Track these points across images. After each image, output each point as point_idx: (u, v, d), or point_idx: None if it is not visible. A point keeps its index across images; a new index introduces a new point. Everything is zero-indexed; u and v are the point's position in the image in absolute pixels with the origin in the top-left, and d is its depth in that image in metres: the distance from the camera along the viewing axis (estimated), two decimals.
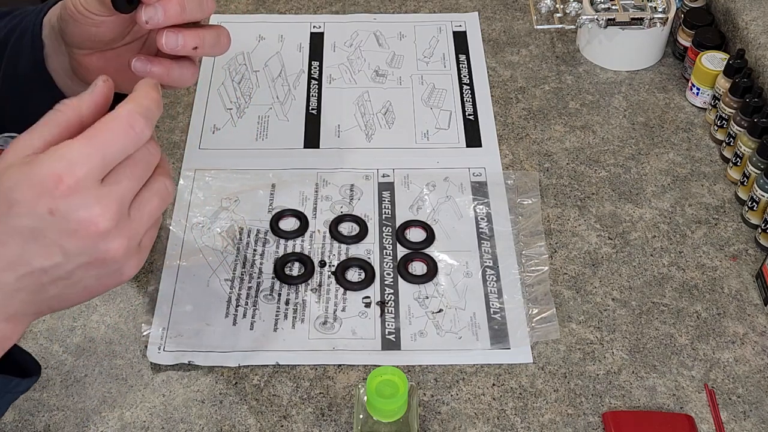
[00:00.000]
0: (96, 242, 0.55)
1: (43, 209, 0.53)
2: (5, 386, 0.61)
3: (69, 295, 0.58)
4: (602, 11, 1.07)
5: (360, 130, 1.02)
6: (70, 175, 0.53)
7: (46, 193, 0.53)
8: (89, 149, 0.54)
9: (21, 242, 0.54)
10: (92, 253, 0.55)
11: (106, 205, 0.54)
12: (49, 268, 0.55)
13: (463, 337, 0.81)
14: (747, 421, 0.76)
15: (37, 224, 0.54)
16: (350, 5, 1.19)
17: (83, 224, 0.54)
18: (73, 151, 0.54)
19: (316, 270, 0.86)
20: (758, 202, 0.89)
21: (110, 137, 0.54)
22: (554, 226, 0.91)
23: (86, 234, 0.54)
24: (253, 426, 0.75)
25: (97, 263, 0.56)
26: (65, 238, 0.54)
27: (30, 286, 0.56)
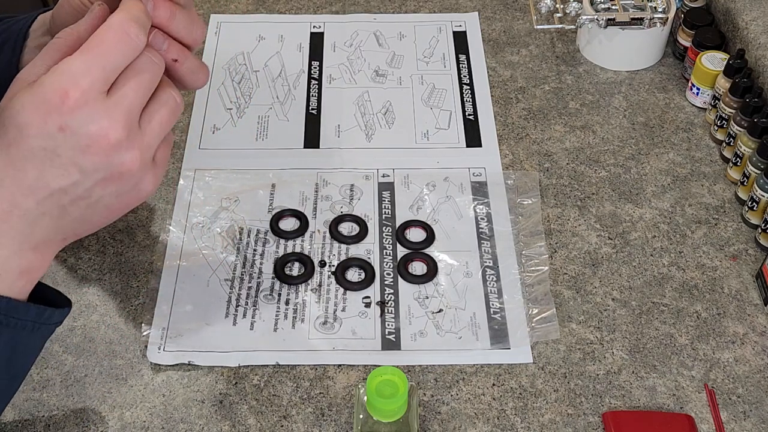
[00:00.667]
0: (109, 155, 0.55)
1: (53, 127, 0.54)
2: (39, 317, 0.60)
3: (91, 216, 0.58)
4: (602, 11, 1.07)
5: (360, 130, 1.02)
6: (75, 88, 0.53)
7: (53, 111, 0.53)
8: (89, 61, 0.54)
9: (37, 164, 0.55)
10: (107, 168, 0.55)
11: (114, 116, 0.54)
12: (68, 188, 0.55)
13: (463, 337, 0.81)
14: (747, 421, 0.76)
15: (49, 144, 0.54)
16: (350, 5, 1.19)
17: (94, 138, 0.54)
18: (74, 65, 0.54)
19: (316, 270, 0.86)
20: (758, 202, 0.89)
21: (107, 47, 0.55)
22: (554, 226, 0.91)
23: (99, 148, 0.54)
24: (253, 426, 0.75)
25: (114, 178, 0.56)
26: (79, 154, 0.54)
27: (52, 209, 0.56)
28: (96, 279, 0.86)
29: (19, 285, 0.58)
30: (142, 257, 0.87)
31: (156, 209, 0.92)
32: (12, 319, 0.58)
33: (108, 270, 0.86)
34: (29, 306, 0.59)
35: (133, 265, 0.87)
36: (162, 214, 0.91)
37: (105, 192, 0.57)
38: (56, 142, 0.54)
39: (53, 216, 0.57)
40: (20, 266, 0.58)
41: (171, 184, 0.94)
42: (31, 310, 0.59)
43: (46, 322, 0.61)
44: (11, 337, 0.58)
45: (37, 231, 0.57)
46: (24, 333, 0.59)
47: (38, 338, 0.62)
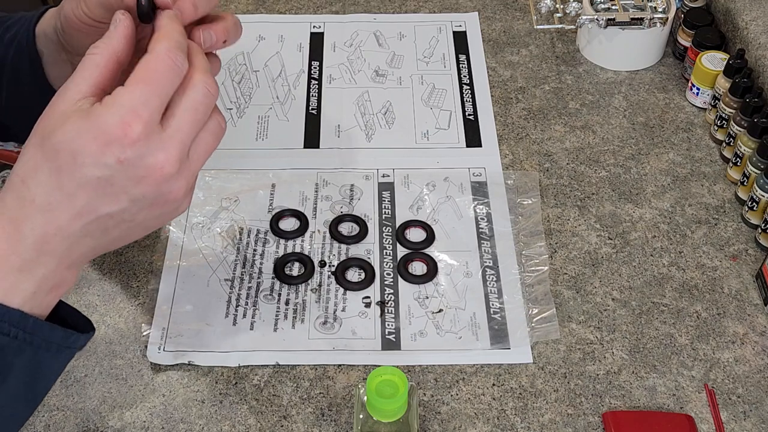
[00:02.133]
0: (161, 186, 0.56)
1: (111, 159, 0.54)
2: (65, 341, 0.60)
3: (129, 235, 0.60)
4: (602, 11, 1.07)
5: (360, 130, 1.02)
6: (137, 121, 0.54)
7: (114, 142, 0.54)
8: (146, 93, 0.55)
9: (89, 191, 0.55)
10: (157, 196, 0.57)
11: (170, 149, 0.56)
12: (115, 213, 0.57)
13: (463, 337, 0.81)
14: (747, 421, 0.76)
15: (105, 174, 0.55)
16: (350, 5, 1.19)
17: (150, 170, 0.55)
18: (133, 97, 0.55)
19: (316, 270, 0.86)
20: (758, 202, 0.89)
21: (159, 77, 0.55)
22: (554, 226, 0.91)
23: (152, 179, 0.56)
24: (253, 426, 0.75)
25: (160, 204, 0.58)
26: (133, 184, 0.55)
27: (95, 231, 0.57)
28: (96, 279, 0.86)
29: (47, 300, 0.58)
30: (142, 257, 0.87)
31: None
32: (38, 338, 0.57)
33: (108, 270, 0.86)
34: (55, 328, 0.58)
35: (133, 265, 0.87)
36: None
37: (149, 215, 0.59)
38: (113, 172, 0.55)
39: (95, 237, 0.58)
40: (54, 283, 0.58)
41: None
42: (57, 332, 0.59)
43: (71, 346, 0.61)
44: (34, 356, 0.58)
45: (77, 250, 0.58)
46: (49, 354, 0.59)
47: (62, 361, 0.62)
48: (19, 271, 0.56)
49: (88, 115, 0.54)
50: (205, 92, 0.58)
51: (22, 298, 0.56)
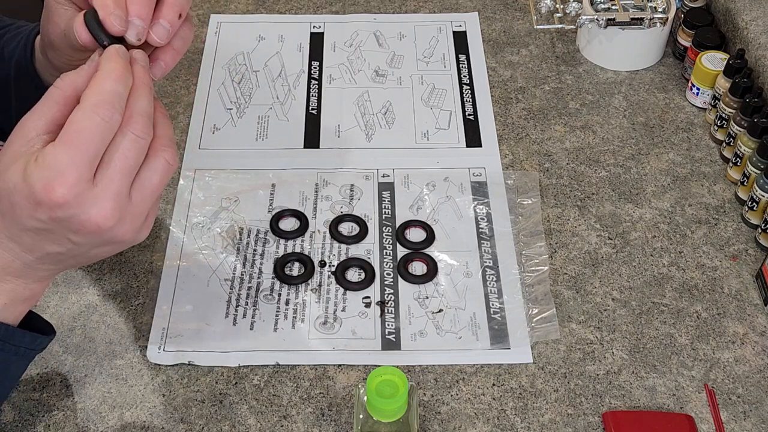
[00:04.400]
0: (102, 235, 0.58)
1: (43, 216, 0.56)
2: (32, 343, 0.65)
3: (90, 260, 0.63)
4: (602, 11, 1.07)
5: (360, 130, 1.02)
6: (61, 184, 0.55)
7: (42, 204, 0.56)
8: (71, 154, 0.55)
9: (32, 236, 0.58)
10: (102, 241, 0.59)
11: (103, 205, 0.56)
12: (63, 251, 0.59)
13: (463, 337, 0.81)
14: (747, 421, 0.76)
15: (42, 226, 0.57)
16: (350, 5, 1.19)
17: (85, 225, 0.57)
18: (58, 160, 0.55)
19: (316, 270, 0.86)
20: (758, 202, 0.89)
21: (86, 137, 0.55)
22: (554, 226, 0.91)
23: (89, 231, 0.57)
24: (253, 426, 0.75)
25: (108, 244, 0.60)
26: (72, 234, 0.58)
27: (51, 261, 0.61)
28: (96, 279, 0.86)
29: (20, 310, 0.63)
30: (142, 257, 0.87)
31: None
32: (8, 344, 0.63)
33: (108, 270, 0.86)
34: (25, 333, 0.64)
35: (133, 265, 0.87)
36: (162, 214, 0.91)
37: (101, 251, 0.61)
38: (49, 225, 0.57)
39: (53, 263, 0.61)
40: (24, 295, 0.63)
41: (171, 184, 0.94)
42: (26, 336, 0.64)
43: (36, 348, 0.66)
44: (3, 359, 0.63)
45: (40, 272, 0.62)
46: (17, 357, 0.64)
47: (26, 362, 0.67)
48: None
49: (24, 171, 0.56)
50: (132, 138, 0.57)
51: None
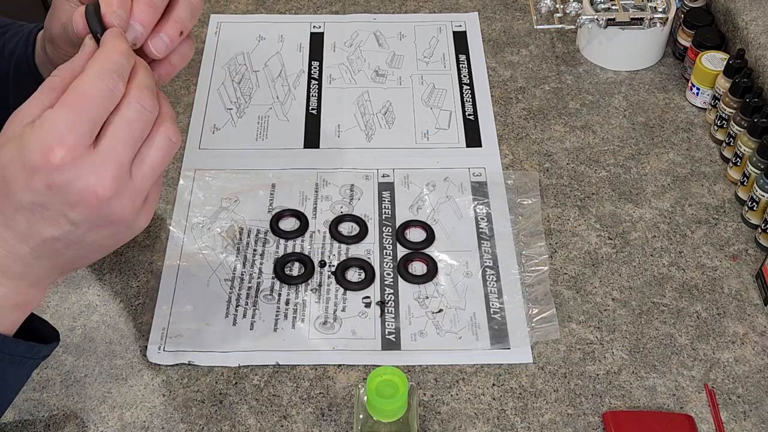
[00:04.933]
0: (100, 208, 0.55)
1: (39, 185, 0.53)
2: (28, 352, 0.62)
3: (86, 254, 0.59)
4: (602, 11, 1.07)
5: (360, 130, 1.02)
6: (60, 145, 0.53)
7: (39, 169, 0.53)
8: (72, 116, 0.53)
9: (27, 216, 0.55)
10: (99, 218, 0.55)
11: (102, 172, 0.54)
12: (60, 236, 0.56)
13: (463, 337, 0.81)
14: (747, 421, 0.76)
15: (37, 199, 0.54)
16: (350, 5, 1.19)
17: (83, 194, 0.54)
18: (57, 120, 0.53)
19: (316, 270, 0.86)
20: (758, 202, 0.89)
21: (88, 101, 0.54)
22: (554, 226, 0.91)
23: (88, 203, 0.54)
24: (253, 426, 0.75)
25: (106, 225, 0.56)
26: (68, 209, 0.54)
27: (46, 253, 0.57)
28: (96, 279, 0.86)
29: (13, 317, 0.60)
30: (142, 257, 0.87)
31: (156, 209, 0.92)
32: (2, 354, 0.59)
33: (108, 270, 0.86)
34: (19, 342, 0.60)
35: (133, 265, 0.87)
36: (162, 214, 0.91)
37: (98, 236, 0.57)
38: (45, 197, 0.54)
39: (49, 258, 0.58)
40: (17, 301, 0.59)
41: (171, 184, 0.94)
42: (21, 345, 0.61)
43: (35, 357, 0.63)
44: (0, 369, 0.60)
45: (34, 271, 0.58)
46: (12, 366, 0.61)
47: (26, 370, 0.65)
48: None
49: (19, 140, 0.54)
50: (138, 109, 0.55)
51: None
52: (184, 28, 0.62)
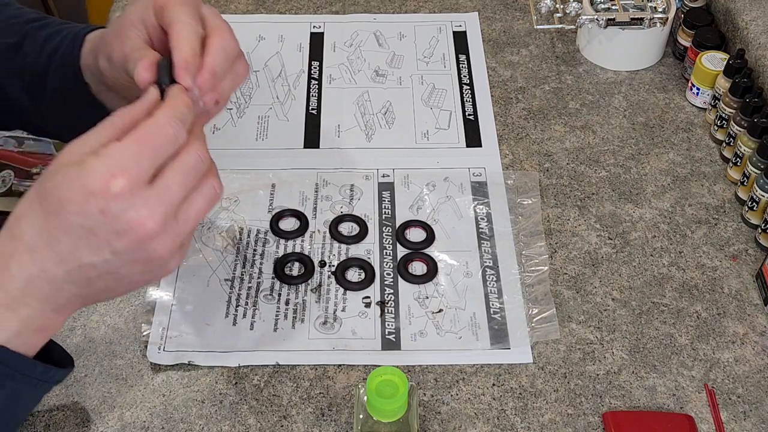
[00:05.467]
0: (144, 242, 0.57)
1: (93, 209, 0.55)
2: (44, 375, 0.64)
3: (115, 288, 0.61)
4: (602, 11, 1.07)
5: (360, 130, 1.02)
6: (122, 175, 0.55)
7: (97, 194, 0.55)
8: (137, 150, 0.56)
9: (73, 238, 0.57)
10: (139, 252, 0.57)
11: (154, 207, 0.57)
12: (98, 264, 0.58)
13: (463, 337, 0.81)
14: (747, 421, 0.76)
15: (87, 222, 0.56)
16: (350, 5, 1.19)
17: (132, 225, 0.56)
18: (123, 152, 0.56)
19: (316, 270, 0.86)
20: (758, 202, 0.89)
21: (155, 141, 0.57)
22: (554, 226, 0.91)
23: (135, 234, 0.56)
24: (253, 426, 0.75)
25: (143, 261, 0.58)
26: (115, 237, 0.56)
27: (79, 279, 0.59)
28: None
29: (33, 341, 0.61)
30: None
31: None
32: (18, 374, 0.61)
33: None
34: (37, 364, 0.62)
35: None
36: None
37: (132, 270, 0.59)
38: (94, 222, 0.56)
39: (79, 285, 0.59)
40: (39, 324, 0.61)
41: None
42: (38, 367, 0.62)
43: (50, 380, 0.65)
44: (14, 389, 0.62)
45: (62, 296, 0.60)
46: (28, 388, 0.63)
47: (39, 393, 0.66)
48: (5, 308, 0.58)
49: (80, 164, 0.56)
50: (197, 158, 0.59)
51: (6, 335, 0.59)
52: (221, 99, 0.68)
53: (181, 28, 0.67)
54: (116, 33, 0.72)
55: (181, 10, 0.68)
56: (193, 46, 0.65)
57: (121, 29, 0.71)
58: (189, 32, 0.67)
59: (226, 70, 0.68)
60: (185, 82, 0.63)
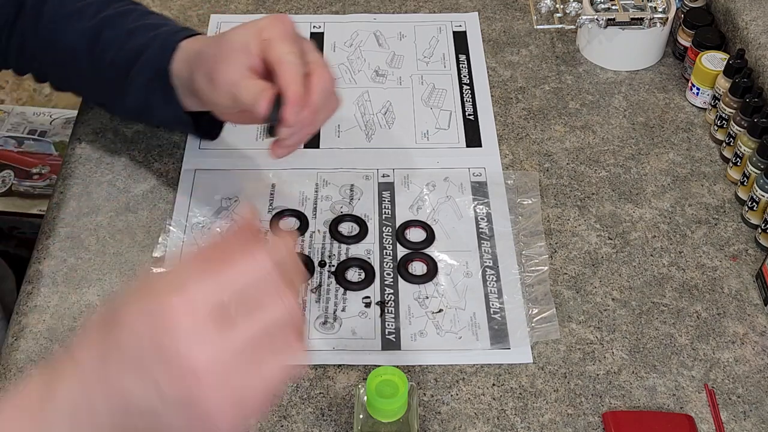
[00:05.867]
0: (191, 386, 0.50)
1: (153, 343, 0.50)
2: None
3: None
4: (602, 11, 1.07)
5: (360, 130, 1.02)
6: (191, 314, 0.50)
7: (160, 328, 0.50)
8: (214, 287, 0.51)
9: (123, 370, 0.51)
10: (187, 398, 0.50)
11: (216, 351, 0.50)
12: (141, 403, 0.51)
13: (463, 337, 0.81)
14: (747, 421, 0.76)
15: (144, 356, 0.50)
16: (350, 5, 1.19)
17: (182, 359, 0.49)
18: (198, 289, 0.50)
19: (316, 270, 0.86)
20: (758, 202, 0.89)
21: (243, 279, 0.51)
22: (554, 226, 0.91)
23: (179, 372, 0.50)
24: (252, 426, 0.75)
25: (187, 408, 0.50)
26: (160, 369, 0.50)
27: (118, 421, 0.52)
28: (96, 279, 0.86)
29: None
30: (142, 257, 0.87)
31: (156, 209, 0.92)
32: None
33: (108, 270, 0.86)
34: None
35: (133, 265, 0.87)
36: (162, 214, 0.91)
37: (174, 421, 0.51)
38: (150, 356, 0.50)
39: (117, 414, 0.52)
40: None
41: (171, 184, 0.94)
42: None
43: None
44: None
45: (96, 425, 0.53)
46: None
47: None
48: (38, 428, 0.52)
49: (150, 293, 0.51)
50: (283, 312, 0.52)
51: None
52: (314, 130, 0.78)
53: (288, 68, 0.73)
54: (220, 56, 0.76)
55: (288, 50, 0.74)
56: (300, 87, 0.72)
57: (225, 53, 0.76)
58: (296, 73, 0.72)
59: (323, 106, 0.75)
60: (290, 120, 0.71)
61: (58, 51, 0.89)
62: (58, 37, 0.88)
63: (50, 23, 0.88)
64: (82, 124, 1.00)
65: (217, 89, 0.76)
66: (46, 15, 0.88)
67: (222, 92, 0.76)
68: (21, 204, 1.48)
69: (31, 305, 0.83)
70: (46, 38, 0.89)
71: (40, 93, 1.80)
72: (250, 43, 0.75)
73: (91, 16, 0.87)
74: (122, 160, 0.96)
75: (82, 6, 0.88)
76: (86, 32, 0.87)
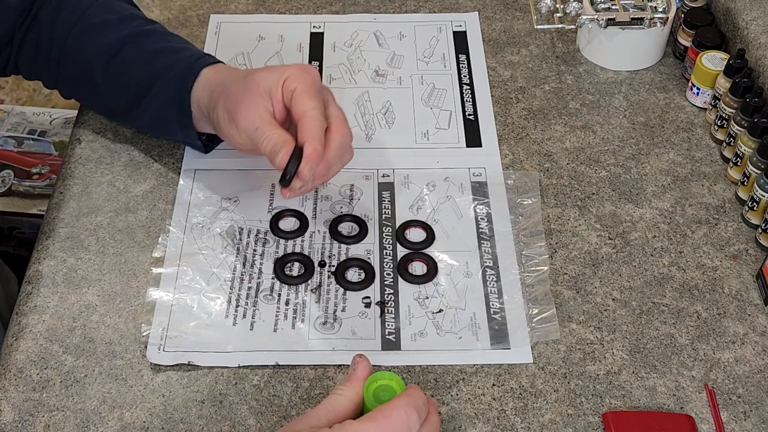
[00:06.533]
0: None
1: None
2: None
3: None
4: (602, 11, 1.07)
5: (360, 130, 1.02)
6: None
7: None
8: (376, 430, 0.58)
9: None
10: None
11: None
12: None
13: (463, 338, 0.81)
14: (747, 421, 0.76)
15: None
16: (350, 5, 1.19)
17: None
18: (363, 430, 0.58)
19: (316, 270, 0.86)
20: (758, 202, 0.89)
21: (393, 423, 0.59)
22: (554, 226, 0.91)
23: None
24: (253, 426, 0.75)
25: None
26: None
27: None
28: (96, 279, 0.86)
29: None
30: (142, 257, 0.87)
31: (156, 209, 0.92)
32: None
33: (108, 270, 0.86)
34: None
35: (133, 265, 0.87)
36: (162, 214, 0.91)
37: None
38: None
39: None
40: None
41: (171, 184, 0.94)
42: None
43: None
44: None
45: None
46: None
47: None
48: None
49: None
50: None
51: None
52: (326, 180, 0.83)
53: (312, 123, 0.76)
54: (244, 98, 0.79)
55: (311, 105, 0.77)
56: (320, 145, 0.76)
57: (250, 96, 0.79)
58: (319, 130, 0.76)
59: (338, 159, 0.79)
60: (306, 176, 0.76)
61: (75, 65, 0.90)
62: (76, 51, 0.89)
63: (68, 37, 0.89)
64: (82, 124, 1.00)
65: (238, 129, 0.80)
66: (60, 28, 0.89)
67: (242, 133, 0.80)
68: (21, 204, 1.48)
69: (31, 305, 0.83)
70: (64, 52, 0.90)
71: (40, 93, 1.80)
72: (273, 88, 0.79)
73: (111, 33, 0.88)
74: (122, 160, 0.96)
75: (102, 21, 0.89)
76: (106, 49, 0.88)
